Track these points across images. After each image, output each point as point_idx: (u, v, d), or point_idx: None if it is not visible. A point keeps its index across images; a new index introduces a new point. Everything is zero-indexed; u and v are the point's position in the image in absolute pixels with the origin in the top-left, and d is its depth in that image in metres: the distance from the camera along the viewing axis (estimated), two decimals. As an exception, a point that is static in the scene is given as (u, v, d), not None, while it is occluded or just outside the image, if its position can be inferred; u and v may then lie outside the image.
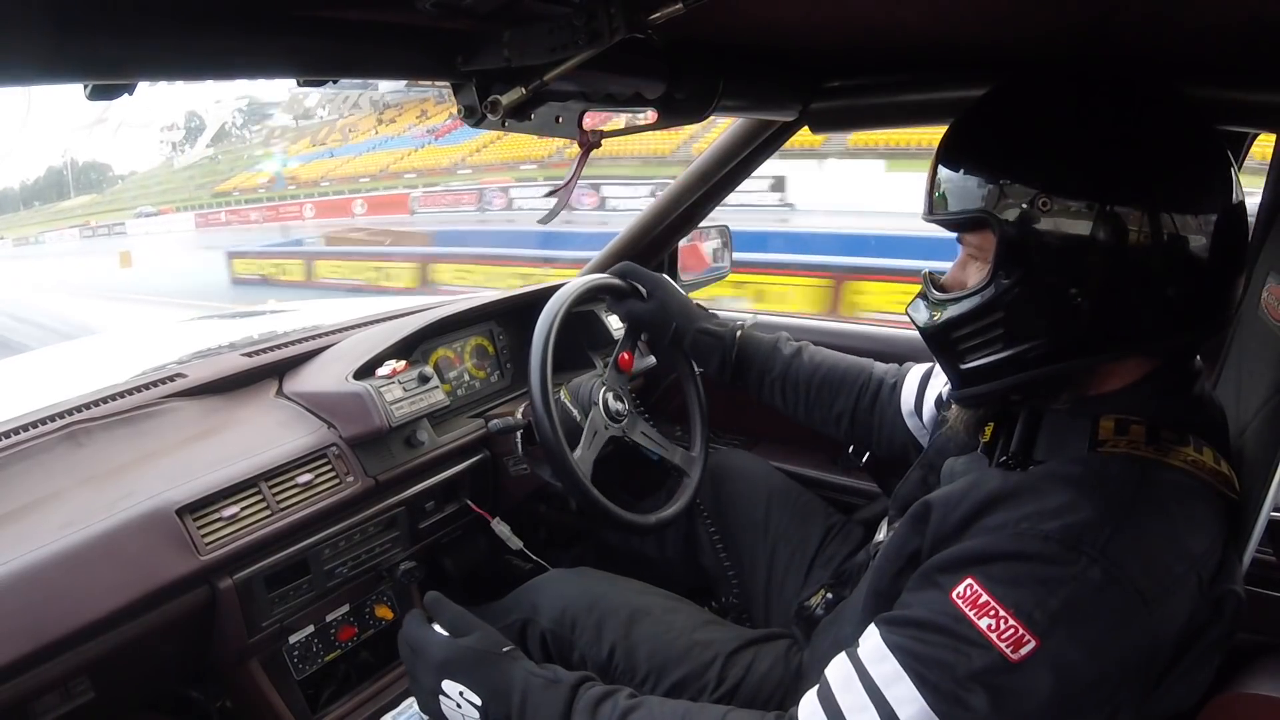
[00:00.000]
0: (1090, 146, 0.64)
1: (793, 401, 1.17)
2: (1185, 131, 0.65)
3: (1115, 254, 0.62)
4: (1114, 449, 0.65)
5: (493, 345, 1.47)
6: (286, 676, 1.06)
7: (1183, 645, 0.62)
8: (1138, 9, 0.64)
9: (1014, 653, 0.57)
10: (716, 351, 1.19)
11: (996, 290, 0.67)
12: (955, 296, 0.71)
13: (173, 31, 0.53)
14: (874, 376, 1.13)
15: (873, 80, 1.09)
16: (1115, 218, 0.61)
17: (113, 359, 1.57)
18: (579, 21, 0.61)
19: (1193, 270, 0.63)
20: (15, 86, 0.52)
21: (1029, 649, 0.57)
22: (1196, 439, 0.66)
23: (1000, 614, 0.58)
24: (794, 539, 1.22)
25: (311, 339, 1.34)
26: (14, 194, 47.06)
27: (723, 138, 1.40)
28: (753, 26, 0.84)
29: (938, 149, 0.72)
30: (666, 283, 1.25)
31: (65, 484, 0.97)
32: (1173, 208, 0.62)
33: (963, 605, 0.60)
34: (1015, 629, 0.57)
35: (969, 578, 0.60)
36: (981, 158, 0.68)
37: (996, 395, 0.72)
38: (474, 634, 0.84)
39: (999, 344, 0.68)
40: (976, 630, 0.58)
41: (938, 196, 0.71)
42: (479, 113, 0.72)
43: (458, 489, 1.25)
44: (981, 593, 0.59)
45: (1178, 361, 0.70)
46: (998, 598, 0.58)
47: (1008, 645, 0.57)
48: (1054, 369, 0.67)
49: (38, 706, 0.82)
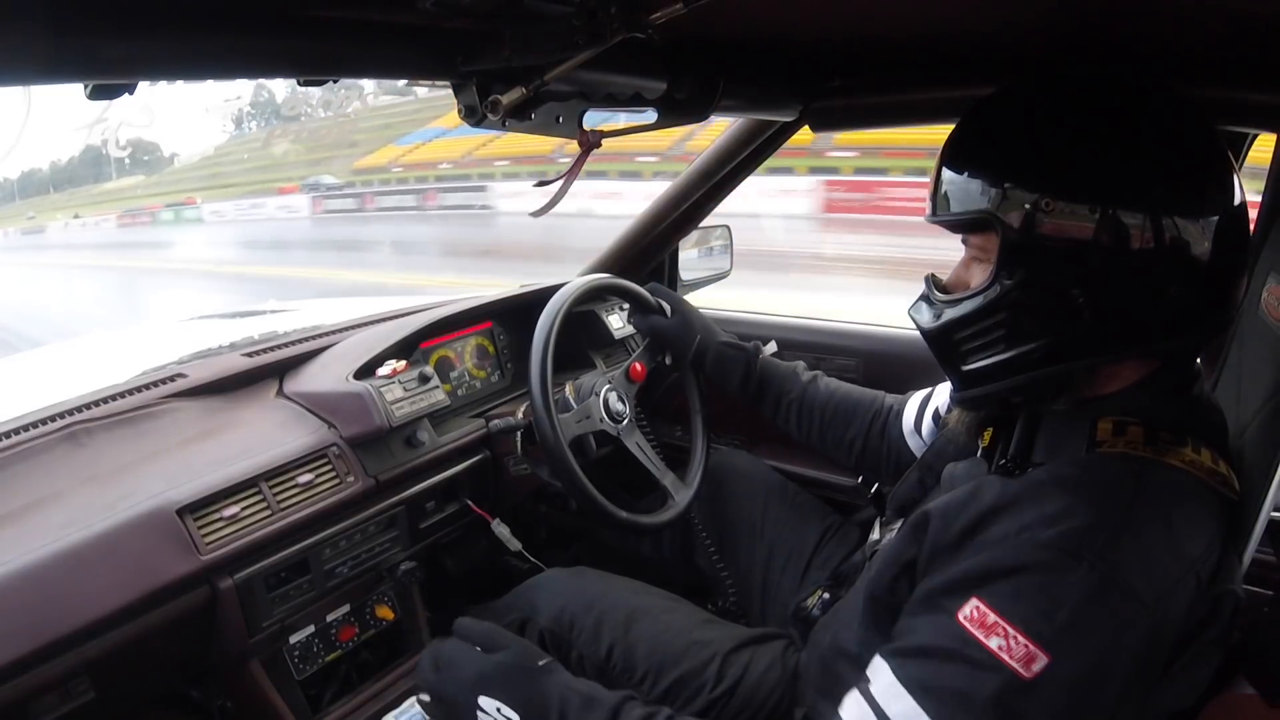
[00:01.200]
0: (1094, 149, 0.64)
1: (807, 425, 1.17)
2: (1188, 135, 0.66)
3: (1117, 256, 0.62)
4: (1111, 450, 0.66)
5: (493, 345, 1.47)
6: (287, 677, 1.06)
7: (1181, 644, 0.62)
8: (1138, 9, 0.64)
9: (1026, 670, 0.57)
10: (739, 366, 1.20)
11: (999, 291, 0.67)
12: (958, 298, 0.71)
13: (173, 31, 0.53)
14: (885, 403, 1.14)
15: (873, 79, 1.09)
16: (1118, 220, 0.62)
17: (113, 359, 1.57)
18: (579, 21, 0.61)
19: (1194, 272, 0.63)
20: (15, 86, 0.52)
21: (1041, 665, 0.57)
22: (1194, 440, 0.66)
23: (1009, 633, 0.58)
24: (791, 539, 1.22)
25: (312, 339, 1.34)
26: (43, 176, 39.92)
27: (723, 138, 1.40)
28: (753, 26, 0.84)
29: (943, 150, 0.72)
30: (686, 301, 1.28)
31: (66, 484, 0.97)
32: (1175, 211, 0.62)
33: (971, 627, 0.59)
34: (1026, 646, 0.57)
35: (974, 598, 0.60)
36: (986, 159, 0.69)
37: (998, 397, 0.72)
38: (510, 648, 0.85)
39: (1001, 345, 0.69)
40: (987, 651, 0.58)
41: (941, 197, 0.71)
42: (479, 112, 0.72)
43: (458, 489, 1.25)
44: (989, 613, 0.59)
45: (1177, 364, 0.70)
46: (1005, 616, 0.58)
47: (1019, 664, 0.57)
48: (1055, 370, 0.68)
49: (38, 706, 0.82)
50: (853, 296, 5.61)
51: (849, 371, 1.49)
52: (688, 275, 1.67)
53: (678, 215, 1.52)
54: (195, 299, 8.87)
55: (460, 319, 1.39)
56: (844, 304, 3.94)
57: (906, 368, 1.40)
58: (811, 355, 1.53)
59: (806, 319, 1.63)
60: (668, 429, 1.62)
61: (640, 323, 1.28)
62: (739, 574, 1.25)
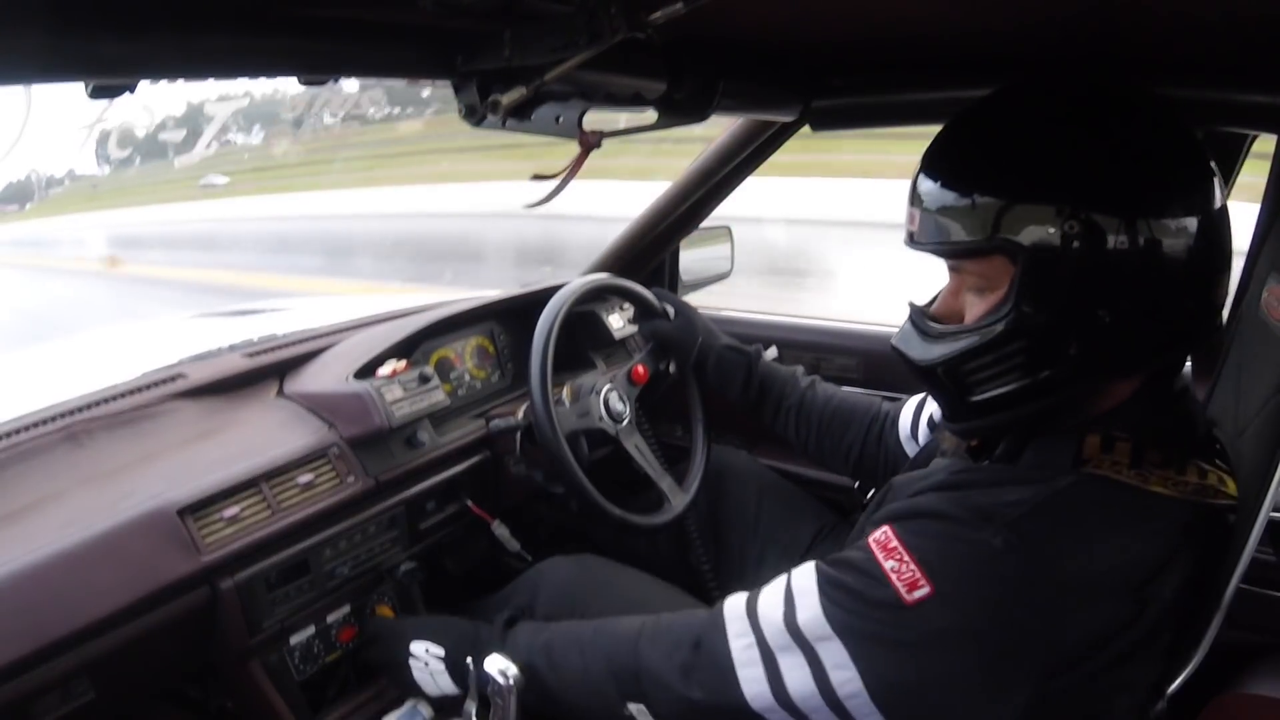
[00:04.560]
0: (1114, 160, 0.62)
1: (805, 431, 1.17)
2: (1190, 141, 0.65)
3: (1147, 268, 0.61)
4: (1096, 470, 0.64)
5: (493, 345, 1.47)
6: (287, 677, 1.06)
7: (1098, 641, 0.62)
8: (1142, 10, 0.64)
9: (908, 593, 0.62)
10: (741, 370, 1.20)
11: (1018, 318, 0.63)
12: (967, 327, 0.68)
13: (173, 30, 0.53)
14: (882, 410, 1.14)
15: (873, 79, 1.09)
16: (1145, 231, 0.60)
17: (113, 359, 1.57)
18: (579, 21, 0.61)
19: (1200, 279, 0.63)
20: (15, 85, 0.52)
21: (922, 594, 0.61)
22: (1180, 457, 0.66)
23: (904, 558, 0.63)
24: (784, 538, 1.22)
25: (312, 339, 1.34)
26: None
27: (723, 138, 1.40)
28: (753, 25, 0.84)
29: (923, 167, 0.68)
30: (689, 304, 1.28)
31: (66, 484, 0.97)
32: (1196, 215, 0.62)
33: (875, 548, 0.65)
34: (914, 573, 0.62)
35: (887, 526, 0.66)
36: (993, 180, 0.64)
37: (1004, 426, 0.70)
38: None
39: (1017, 373, 0.66)
40: (880, 569, 0.63)
41: (930, 221, 0.66)
42: (479, 112, 0.72)
43: (458, 489, 1.25)
44: (893, 538, 0.64)
45: (1167, 376, 0.69)
46: (905, 545, 0.63)
47: (904, 586, 0.62)
48: (1069, 392, 0.66)
49: (38, 706, 0.82)
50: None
51: (849, 371, 1.49)
52: (688, 276, 1.67)
53: (678, 215, 1.52)
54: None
55: (460, 319, 1.38)
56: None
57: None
58: (812, 355, 1.53)
59: (807, 319, 1.63)
60: (668, 428, 1.62)
61: (644, 325, 1.28)
62: (732, 571, 1.25)
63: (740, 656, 0.70)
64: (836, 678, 0.64)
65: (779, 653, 0.68)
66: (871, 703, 0.64)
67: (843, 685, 0.64)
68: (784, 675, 0.67)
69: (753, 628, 0.70)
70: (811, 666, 0.65)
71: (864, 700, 0.64)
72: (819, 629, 0.65)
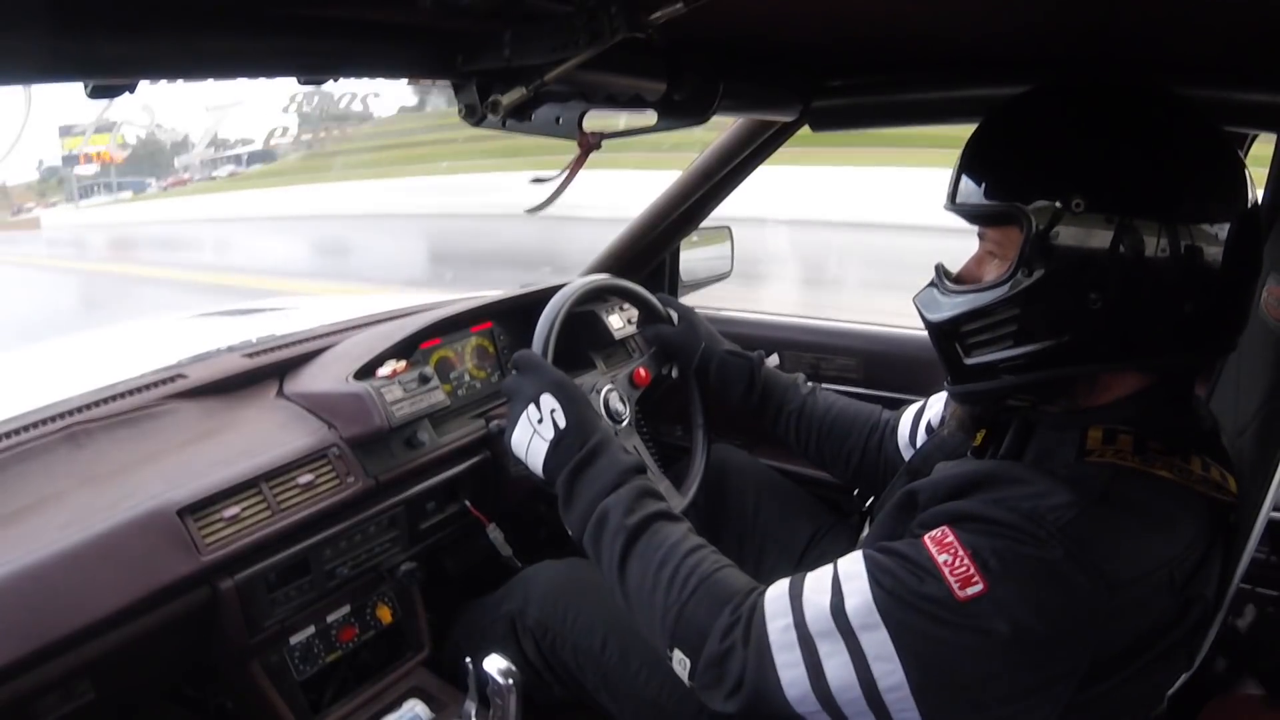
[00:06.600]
0: (1129, 157, 0.64)
1: (805, 437, 1.18)
2: (1215, 145, 0.66)
3: (1138, 264, 0.63)
4: (1100, 459, 0.66)
5: (493, 345, 1.47)
6: (287, 677, 1.06)
7: (1143, 642, 0.62)
8: (1139, 10, 0.64)
9: (961, 590, 0.60)
10: (743, 376, 1.21)
11: (1015, 286, 0.67)
12: (971, 289, 0.71)
13: (172, 31, 0.53)
14: (882, 418, 1.15)
15: (873, 79, 1.09)
16: (1144, 229, 0.62)
17: (113, 359, 1.57)
18: (579, 21, 0.61)
19: (1210, 286, 0.64)
20: (15, 85, 0.52)
21: (976, 590, 0.60)
22: (1183, 448, 0.67)
23: (959, 554, 0.62)
24: (782, 537, 1.23)
25: (312, 339, 1.34)
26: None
27: (723, 138, 1.40)
28: (753, 26, 0.84)
29: (968, 145, 0.73)
30: (692, 309, 1.29)
31: (66, 484, 0.97)
32: (1199, 223, 0.63)
33: (929, 544, 0.64)
34: (968, 569, 0.60)
35: (945, 526, 0.64)
36: (1017, 157, 0.69)
37: (995, 394, 0.72)
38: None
39: (1009, 341, 0.69)
40: (934, 563, 0.62)
41: (964, 188, 0.71)
42: (479, 112, 0.72)
43: (458, 489, 1.25)
44: (949, 535, 0.63)
45: (1176, 381, 0.70)
46: (962, 542, 0.62)
47: (957, 582, 0.61)
48: (1057, 373, 0.68)
49: (39, 706, 0.82)
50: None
51: (849, 371, 1.49)
52: (688, 276, 1.67)
53: (678, 215, 1.52)
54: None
55: (460, 319, 1.39)
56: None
57: (907, 368, 1.40)
58: (812, 355, 1.53)
59: (807, 319, 1.63)
60: (667, 428, 1.62)
61: (647, 329, 1.28)
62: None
63: (778, 640, 0.67)
64: (878, 669, 0.62)
65: (819, 639, 0.65)
66: (911, 698, 0.61)
67: (884, 677, 0.62)
68: (823, 664, 0.64)
69: (793, 609, 0.68)
70: (852, 656, 0.63)
71: (904, 694, 0.61)
72: (866, 616, 0.63)
